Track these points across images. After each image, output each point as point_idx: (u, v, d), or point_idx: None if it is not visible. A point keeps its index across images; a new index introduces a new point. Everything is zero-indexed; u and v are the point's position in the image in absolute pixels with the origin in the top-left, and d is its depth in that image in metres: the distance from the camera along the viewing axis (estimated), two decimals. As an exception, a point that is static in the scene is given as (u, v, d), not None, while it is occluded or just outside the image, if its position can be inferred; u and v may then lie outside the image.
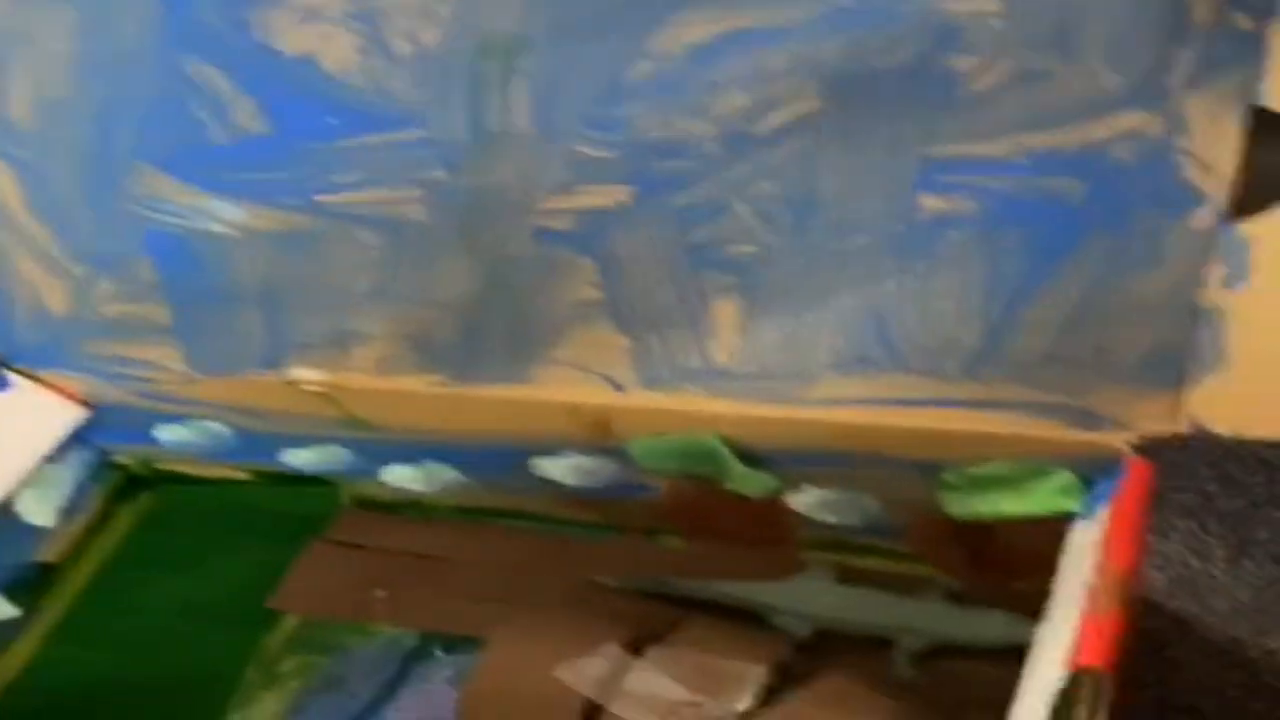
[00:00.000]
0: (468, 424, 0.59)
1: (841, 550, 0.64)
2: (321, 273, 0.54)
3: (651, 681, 0.56)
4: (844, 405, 0.53)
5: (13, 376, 0.60)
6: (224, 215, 0.53)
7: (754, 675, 0.56)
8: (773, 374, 0.53)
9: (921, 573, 0.63)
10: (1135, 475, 0.49)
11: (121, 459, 0.69)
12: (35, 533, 0.64)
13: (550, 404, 0.56)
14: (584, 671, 0.56)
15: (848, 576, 0.62)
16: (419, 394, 0.56)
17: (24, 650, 0.64)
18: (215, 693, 0.60)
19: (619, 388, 0.55)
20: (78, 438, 0.65)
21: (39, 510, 0.63)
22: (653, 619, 0.60)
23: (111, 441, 0.66)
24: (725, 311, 0.52)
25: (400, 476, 0.66)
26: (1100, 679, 0.43)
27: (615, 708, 0.56)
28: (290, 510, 0.69)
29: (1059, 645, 0.45)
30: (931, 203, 0.49)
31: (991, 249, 0.49)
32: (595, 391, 0.55)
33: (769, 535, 0.64)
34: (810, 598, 0.60)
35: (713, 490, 0.61)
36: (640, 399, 0.55)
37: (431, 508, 0.68)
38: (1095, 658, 0.43)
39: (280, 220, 0.53)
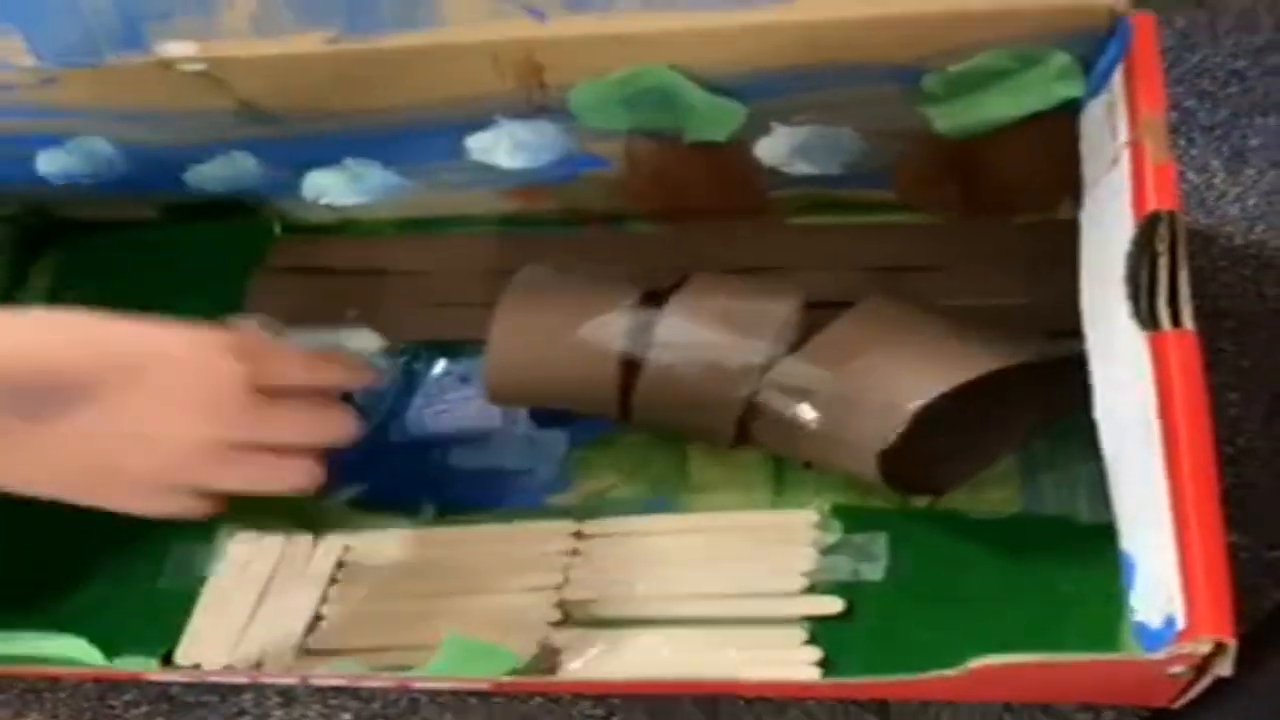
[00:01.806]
0: (378, 97, 0.51)
1: (824, 210, 0.57)
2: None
3: (682, 328, 0.50)
4: (799, 2, 0.45)
5: None
6: None
7: (784, 311, 0.51)
8: (714, -28, 0.45)
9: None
10: (1143, 30, 0.42)
11: (8, 210, 0.61)
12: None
13: (464, 49, 0.48)
14: (609, 328, 0.51)
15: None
16: (310, 57, 0.48)
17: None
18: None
19: (539, 15, 0.47)
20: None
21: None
22: (689, 259, 0.54)
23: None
24: (644, -104, 0.44)
25: (325, 185, 0.59)
26: (1176, 220, 0.38)
27: (652, 356, 0.50)
28: (218, 244, 0.62)
29: (1116, 206, 0.39)
30: None
31: None
32: (513, 25, 0.47)
33: (742, 200, 0.57)
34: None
35: (673, 148, 0.54)
36: (568, 26, 0.47)
37: (370, 225, 0.61)
38: (1167, 200, 0.38)
39: None
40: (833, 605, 0.49)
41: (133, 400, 0.42)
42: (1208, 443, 0.36)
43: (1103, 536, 0.45)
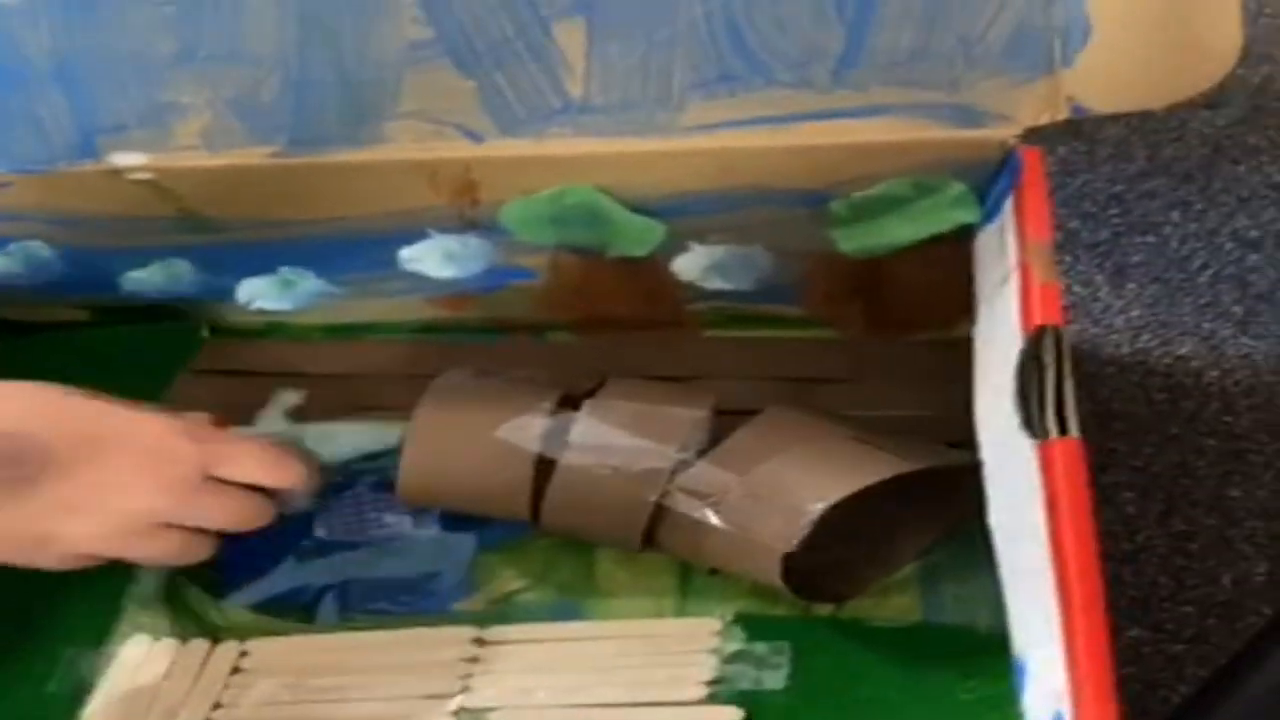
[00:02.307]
0: (319, 208, 0.54)
1: (737, 324, 0.61)
2: (117, 40, 0.48)
3: (595, 431, 0.52)
4: (717, 130, 0.49)
5: None
6: (0, -17, 0.47)
7: (695, 417, 0.53)
8: (636, 103, 0.49)
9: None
10: (1031, 162, 0.46)
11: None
12: None
13: (404, 166, 0.51)
14: (526, 430, 0.53)
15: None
16: (257, 169, 0.51)
17: None
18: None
19: (476, 137, 0.50)
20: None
21: None
22: (609, 366, 0.57)
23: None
24: (570, 38, 0.48)
25: (257, 291, 0.61)
26: (1061, 334, 0.41)
27: (566, 459, 0.52)
28: (144, 346, 0.63)
29: (1006, 323, 0.43)
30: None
31: None
32: (451, 145, 0.50)
33: (660, 312, 0.60)
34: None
35: (596, 262, 0.57)
36: (502, 148, 0.50)
37: (296, 329, 0.63)
38: (1052, 315, 0.42)
39: (64, -17, 0.47)
40: (732, 715, 0.49)
41: (85, 472, 0.44)
42: (1091, 545, 0.38)
43: (1000, 645, 0.46)
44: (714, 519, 0.50)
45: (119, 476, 0.45)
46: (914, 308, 0.58)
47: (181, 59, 0.48)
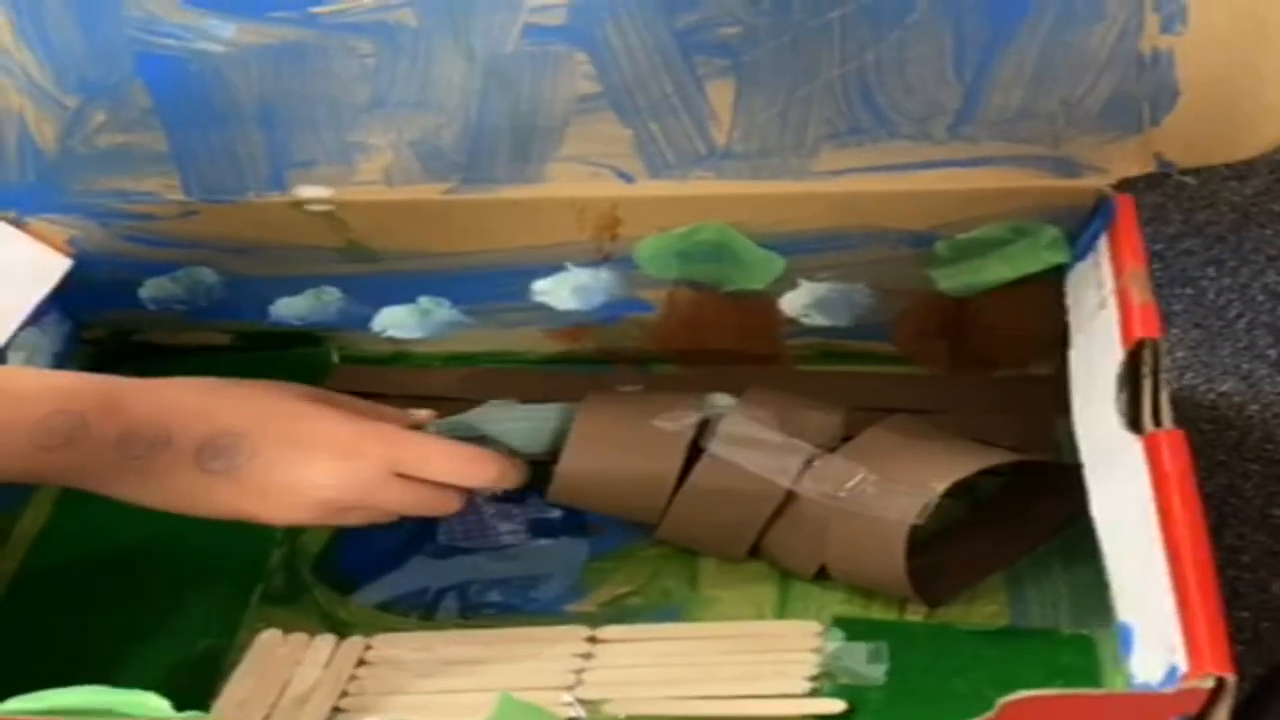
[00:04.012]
0: (474, 240, 0.59)
1: (827, 359, 0.67)
2: (319, 86, 0.54)
3: (744, 425, 0.58)
4: (843, 176, 0.56)
5: (2, 224, 0.58)
6: (218, 34, 0.53)
7: (829, 420, 0.58)
8: (773, 150, 0.55)
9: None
10: (1124, 205, 0.53)
11: (95, 333, 0.67)
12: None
13: (559, 203, 0.57)
14: (680, 419, 0.58)
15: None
16: (429, 203, 0.57)
17: (40, 514, 0.63)
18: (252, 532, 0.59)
19: (628, 179, 0.56)
20: (57, 304, 0.63)
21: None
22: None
23: (89, 307, 0.65)
24: (721, 93, 0.54)
25: (394, 319, 0.66)
26: (1158, 347, 0.46)
27: (716, 448, 0.57)
28: (278, 372, 0.67)
29: (1107, 341, 0.48)
30: (895, -27, 0.52)
31: (954, 14, 0.52)
32: (605, 185, 0.56)
33: (758, 346, 0.66)
34: None
35: (710, 296, 0.63)
36: (649, 189, 0.56)
37: (418, 358, 0.69)
38: (1151, 330, 0.47)
39: (275, 35, 0.53)
40: (835, 706, 0.52)
41: (282, 465, 0.51)
42: (1198, 511, 0.42)
43: (1083, 646, 0.51)
44: (843, 501, 0.55)
45: (310, 470, 0.51)
46: (997, 346, 0.64)
47: (374, 104, 0.54)
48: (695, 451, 0.58)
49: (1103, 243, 0.53)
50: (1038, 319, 0.59)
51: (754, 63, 0.53)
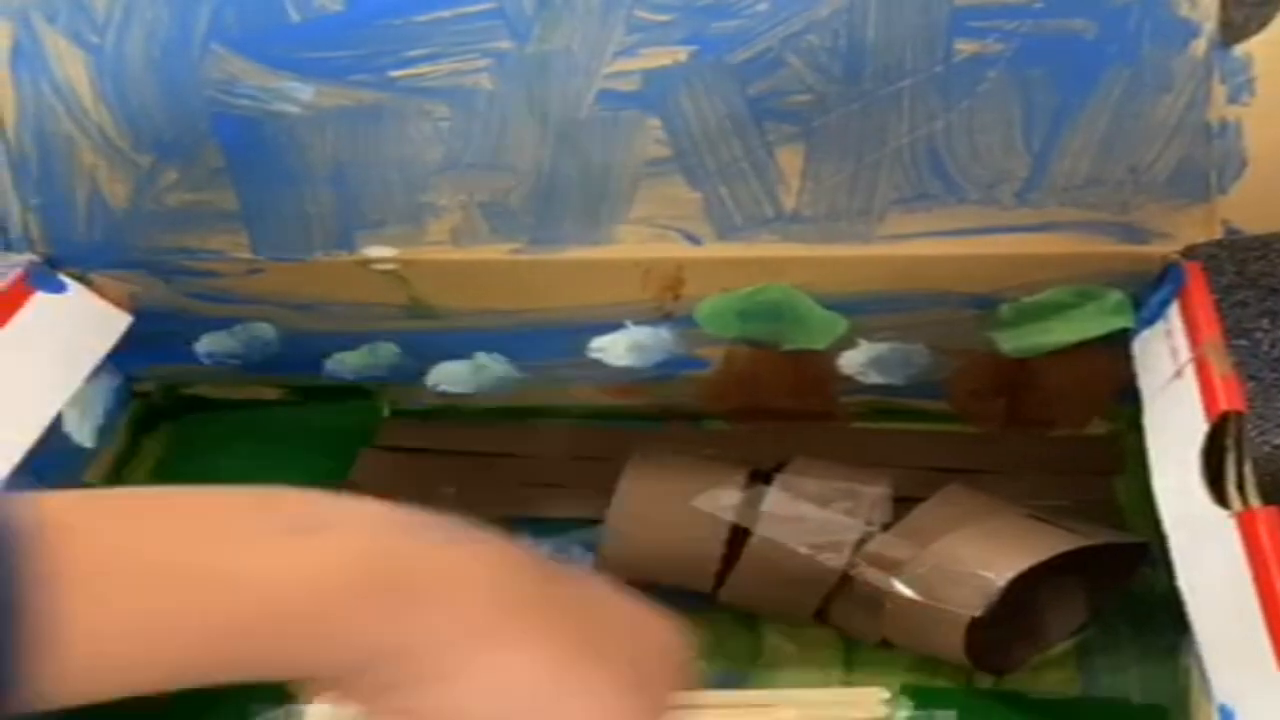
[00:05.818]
0: (537, 299, 0.59)
1: (882, 417, 0.67)
2: (393, 148, 0.54)
3: (787, 503, 0.57)
4: (909, 240, 0.56)
5: (67, 280, 0.58)
6: (295, 95, 0.54)
7: (877, 494, 0.58)
8: (840, 214, 0.55)
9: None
10: (1194, 274, 0.53)
11: (145, 386, 0.67)
12: (81, 453, 0.62)
13: (625, 264, 0.57)
14: (721, 500, 0.58)
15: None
16: (496, 263, 0.57)
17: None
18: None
19: (695, 241, 0.56)
20: (110, 358, 0.63)
21: (80, 430, 0.62)
22: (763, 454, 0.61)
23: (142, 363, 0.65)
24: (790, 159, 0.55)
25: (448, 375, 0.66)
26: (1242, 420, 0.46)
27: (759, 529, 0.57)
28: (328, 425, 0.68)
29: (1188, 410, 0.48)
30: (965, 46, 0.53)
31: (1024, 85, 0.53)
32: (671, 247, 0.56)
33: (813, 404, 0.66)
34: None
35: (767, 354, 0.63)
36: (715, 250, 0.56)
37: (469, 412, 0.69)
38: (1235, 403, 0.47)
39: (351, 97, 0.54)
40: None
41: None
42: None
43: (1155, 716, 0.51)
44: (900, 588, 0.55)
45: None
46: (1054, 406, 0.64)
47: (446, 166, 0.55)
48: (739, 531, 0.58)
49: (1174, 310, 0.53)
50: (1096, 379, 0.59)
51: (824, 129, 0.54)
